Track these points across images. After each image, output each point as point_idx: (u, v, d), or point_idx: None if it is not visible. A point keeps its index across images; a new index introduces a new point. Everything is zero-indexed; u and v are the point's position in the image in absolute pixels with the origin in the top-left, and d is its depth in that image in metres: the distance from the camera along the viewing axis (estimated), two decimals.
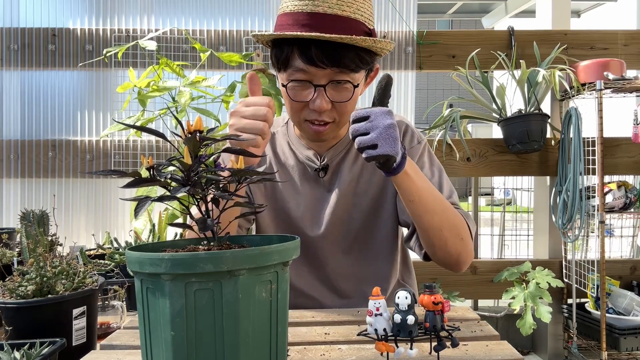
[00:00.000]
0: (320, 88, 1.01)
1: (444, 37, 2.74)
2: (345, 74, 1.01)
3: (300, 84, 1.03)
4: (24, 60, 2.65)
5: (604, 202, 2.34)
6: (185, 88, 1.86)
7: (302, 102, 1.04)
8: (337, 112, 1.05)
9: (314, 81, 1.01)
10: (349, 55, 0.98)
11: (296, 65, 1.00)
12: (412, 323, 0.69)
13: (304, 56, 0.98)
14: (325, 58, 0.97)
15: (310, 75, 1.00)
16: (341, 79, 1.01)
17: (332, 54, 0.97)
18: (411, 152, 1.17)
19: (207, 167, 0.64)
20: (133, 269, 0.58)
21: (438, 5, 5.48)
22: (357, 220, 1.18)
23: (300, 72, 1.00)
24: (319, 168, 1.17)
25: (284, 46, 1.01)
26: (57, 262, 0.96)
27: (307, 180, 1.19)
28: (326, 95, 1.02)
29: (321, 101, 1.02)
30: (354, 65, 1.00)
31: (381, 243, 1.20)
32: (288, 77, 1.03)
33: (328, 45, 0.96)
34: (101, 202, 2.70)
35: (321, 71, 0.99)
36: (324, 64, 0.97)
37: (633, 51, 2.75)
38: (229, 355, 0.56)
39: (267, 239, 0.70)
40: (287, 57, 1.01)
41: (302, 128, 1.10)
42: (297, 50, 0.99)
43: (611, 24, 5.21)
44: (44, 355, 0.73)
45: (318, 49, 0.96)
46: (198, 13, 2.71)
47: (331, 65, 0.98)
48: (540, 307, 2.27)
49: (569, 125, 2.49)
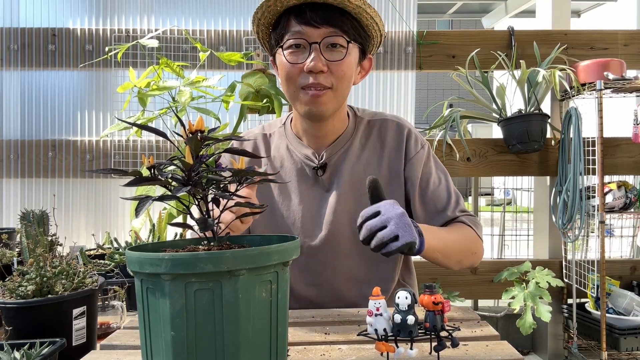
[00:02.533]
0: (315, 45, 1.05)
1: (444, 37, 2.74)
2: (338, 34, 1.06)
3: (297, 49, 1.07)
4: (24, 60, 2.65)
5: (604, 202, 2.34)
6: (185, 87, 1.86)
7: (298, 66, 1.06)
8: (334, 77, 1.07)
9: (309, 40, 1.05)
10: (342, 18, 1.05)
11: (292, 30, 1.06)
12: (412, 323, 0.68)
13: (299, 18, 1.05)
14: (319, 17, 1.04)
15: (305, 35, 1.05)
16: (334, 38, 1.06)
17: (325, 15, 1.04)
18: (417, 157, 1.18)
19: (207, 167, 0.64)
20: (133, 269, 0.58)
21: (438, 5, 5.48)
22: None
23: (296, 34, 1.06)
24: (317, 166, 1.16)
25: (280, 20, 1.08)
26: (57, 262, 0.96)
27: (305, 180, 1.18)
28: (321, 55, 1.05)
29: (316, 60, 1.04)
30: (345, 27, 1.06)
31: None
32: (286, 43, 1.08)
33: (319, 8, 1.04)
34: (101, 202, 2.70)
35: (315, 31, 1.05)
36: (317, 22, 1.04)
37: (633, 51, 2.75)
38: (229, 355, 0.56)
39: (267, 239, 0.70)
40: (284, 26, 1.07)
41: (298, 99, 1.10)
42: (293, 16, 1.06)
43: (611, 24, 5.21)
44: (44, 355, 0.73)
45: (312, 11, 1.04)
46: (198, 13, 2.71)
47: (324, 24, 1.04)
48: (540, 307, 2.27)
49: (569, 125, 2.49)
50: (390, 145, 1.19)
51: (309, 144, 1.19)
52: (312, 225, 1.16)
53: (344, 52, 1.07)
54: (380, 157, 1.18)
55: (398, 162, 1.18)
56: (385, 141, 1.19)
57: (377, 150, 1.19)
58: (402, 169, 1.18)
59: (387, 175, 1.17)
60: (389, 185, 1.16)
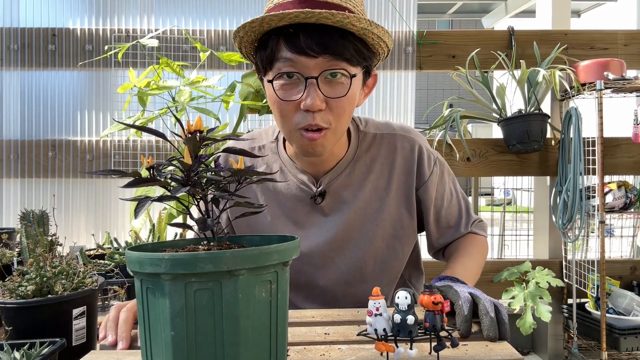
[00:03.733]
0: (312, 80, 0.88)
1: (444, 37, 2.74)
2: (340, 66, 0.89)
3: (289, 81, 0.90)
4: (24, 60, 2.65)
5: (604, 202, 2.34)
6: (185, 87, 1.86)
7: (292, 102, 0.91)
8: (333, 115, 0.92)
9: (304, 73, 0.89)
10: (341, 42, 0.87)
11: (284, 56, 0.88)
12: (412, 323, 0.68)
13: (290, 44, 0.87)
14: (315, 44, 0.86)
15: (299, 66, 0.88)
16: (335, 68, 0.89)
17: (322, 39, 0.86)
18: (431, 179, 1.09)
19: (207, 167, 0.64)
20: (133, 269, 0.58)
21: (438, 5, 5.48)
22: (364, 250, 1.09)
23: (287, 63, 0.88)
24: (315, 194, 1.05)
25: (268, 41, 0.90)
26: (57, 262, 0.96)
27: (302, 206, 1.07)
28: (319, 91, 0.89)
29: (314, 97, 0.88)
30: (348, 54, 0.88)
31: (392, 274, 1.15)
32: (275, 72, 0.91)
33: (316, 31, 0.86)
34: (101, 202, 2.70)
35: (311, 60, 0.87)
36: (313, 50, 0.86)
37: (633, 51, 2.75)
38: (229, 355, 0.56)
39: (267, 239, 0.69)
40: (272, 51, 0.89)
41: (293, 139, 0.96)
42: (283, 40, 0.88)
43: (611, 24, 5.21)
44: (44, 355, 0.73)
45: (306, 36, 0.86)
46: (198, 13, 2.71)
47: (322, 52, 0.86)
48: (540, 307, 2.26)
49: (569, 125, 2.49)
50: (400, 166, 1.08)
51: (305, 168, 1.07)
52: (310, 253, 1.07)
53: (347, 84, 0.91)
54: (389, 179, 1.07)
55: (409, 183, 1.08)
56: (394, 161, 1.08)
57: (385, 172, 1.08)
58: (413, 190, 1.09)
59: (396, 198, 1.08)
60: (398, 208, 1.08)
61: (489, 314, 0.80)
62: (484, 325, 0.80)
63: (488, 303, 0.82)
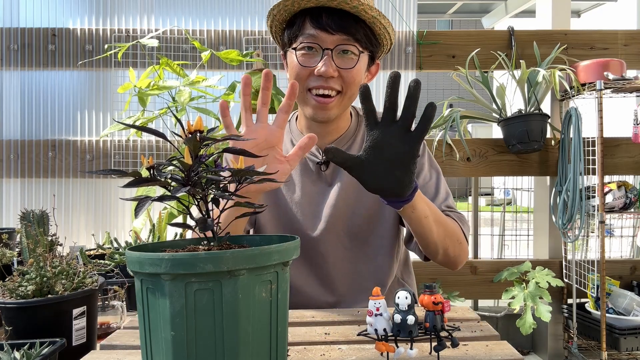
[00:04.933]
0: (328, 51, 1.08)
1: (444, 37, 2.74)
2: (351, 43, 1.09)
3: (309, 52, 1.10)
4: (24, 60, 2.65)
5: (604, 202, 2.34)
6: (185, 87, 1.86)
7: (309, 68, 1.10)
8: (343, 82, 1.11)
9: (322, 45, 1.08)
10: (355, 25, 1.08)
11: (307, 32, 1.09)
12: (412, 323, 0.68)
13: (314, 22, 1.07)
14: (334, 23, 1.06)
15: (319, 40, 1.08)
16: (347, 46, 1.09)
17: (340, 22, 1.07)
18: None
19: (207, 167, 0.64)
20: (133, 269, 0.58)
21: (438, 5, 5.49)
22: (359, 216, 1.20)
23: (310, 37, 1.09)
24: (320, 162, 1.20)
25: (295, 19, 1.11)
26: (57, 262, 0.96)
27: (308, 174, 1.21)
28: (332, 61, 1.08)
29: (327, 65, 1.08)
30: (359, 35, 1.08)
31: (382, 240, 1.22)
32: (299, 44, 1.10)
33: (336, 14, 1.06)
34: (101, 202, 2.70)
35: (329, 37, 1.07)
36: (332, 29, 1.07)
37: (633, 51, 2.75)
38: (229, 356, 0.56)
39: (267, 239, 0.70)
40: (299, 27, 1.10)
41: (306, 100, 1.14)
42: (308, 19, 1.09)
43: (611, 24, 5.22)
44: (44, 355, 0.73)
45: (328, 17, 1.06)
46: (198, 13, 2.71)
47: (339, 31, 1.07)
48: (540, 307, 2.27)
49: (569, 125, 2.49)
50: None
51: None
52: (312, 218, 1.19)
53: (355, 59, 1.10)
54: None
55: None
56: None
57: None
58: None
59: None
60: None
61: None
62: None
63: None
